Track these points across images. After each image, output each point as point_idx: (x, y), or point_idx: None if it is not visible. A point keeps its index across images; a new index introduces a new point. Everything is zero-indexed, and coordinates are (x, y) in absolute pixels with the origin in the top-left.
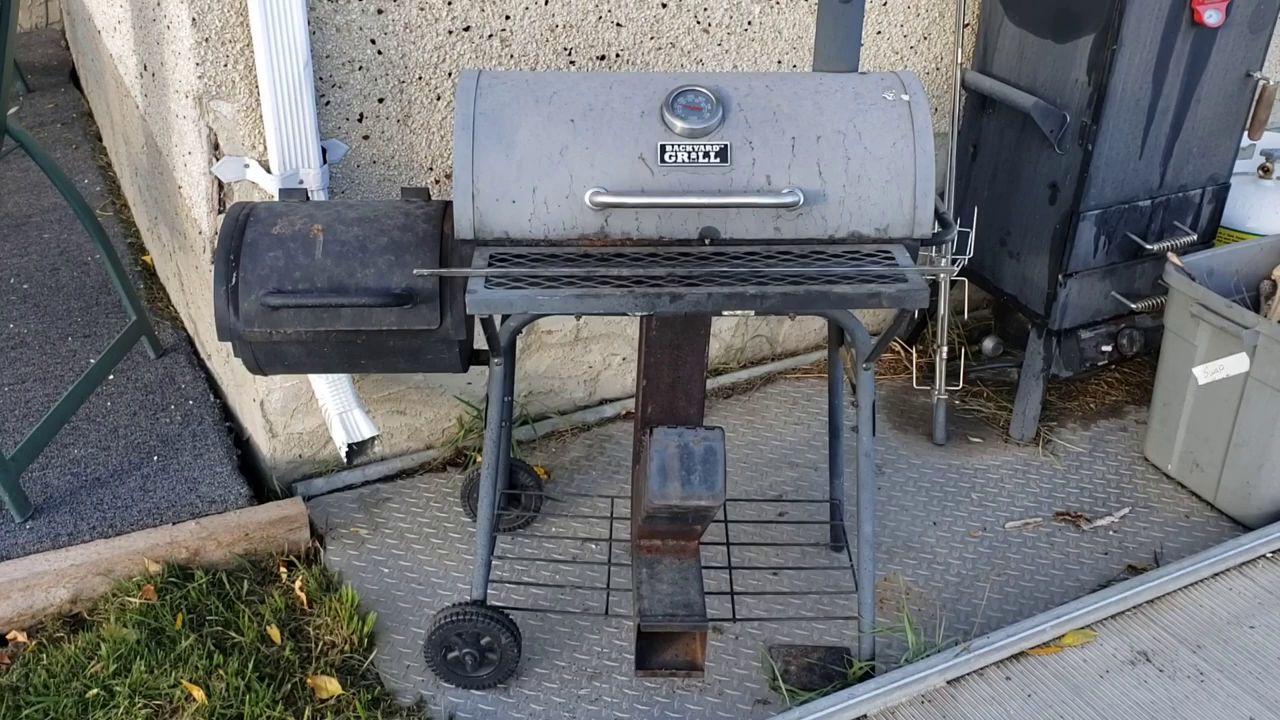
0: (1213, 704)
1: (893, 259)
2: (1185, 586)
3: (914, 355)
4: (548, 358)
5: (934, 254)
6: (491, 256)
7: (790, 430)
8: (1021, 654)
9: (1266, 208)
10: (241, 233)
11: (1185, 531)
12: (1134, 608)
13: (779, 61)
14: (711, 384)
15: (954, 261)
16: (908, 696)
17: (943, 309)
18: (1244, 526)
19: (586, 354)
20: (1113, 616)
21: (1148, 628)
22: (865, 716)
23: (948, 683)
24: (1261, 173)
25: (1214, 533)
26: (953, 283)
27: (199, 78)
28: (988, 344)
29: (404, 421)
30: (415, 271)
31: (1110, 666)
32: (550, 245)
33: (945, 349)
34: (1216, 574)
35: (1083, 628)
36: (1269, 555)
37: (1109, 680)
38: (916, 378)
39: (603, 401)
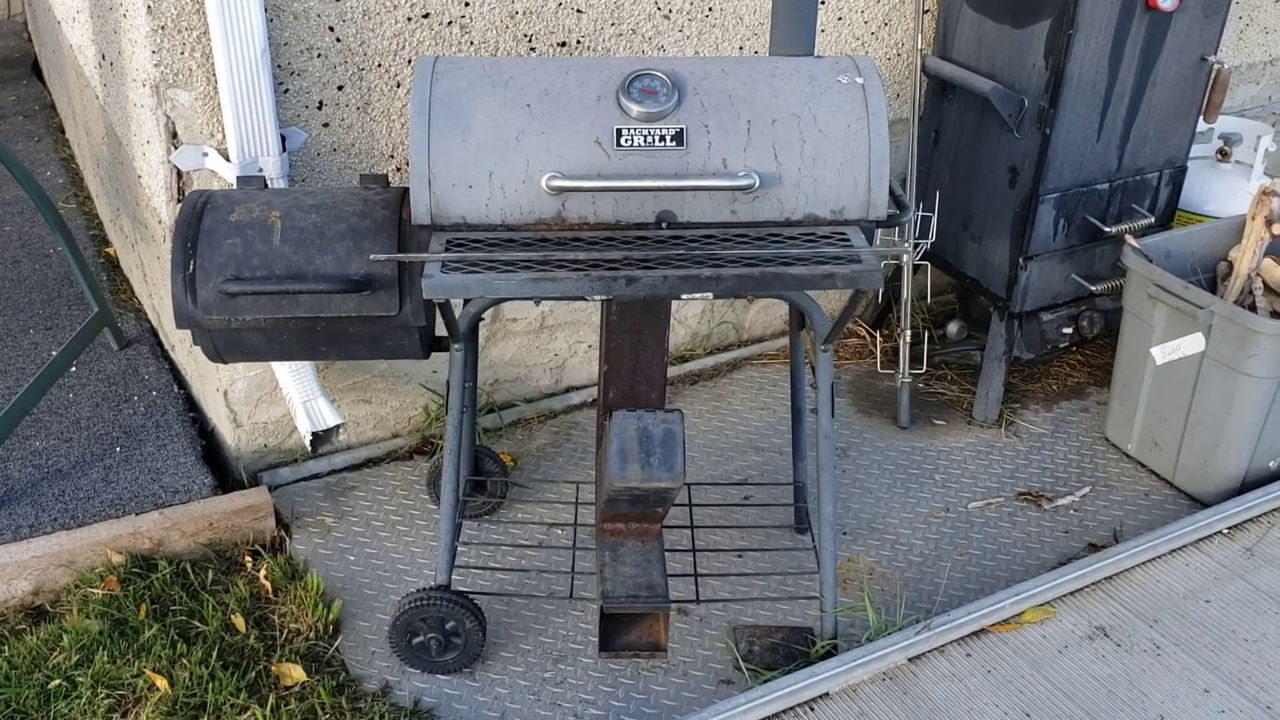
0: (1168, 677)
1: (848, 240)
2: (1143, 563)
3: (878, 339)
4: (513, 345)
5: (895, 237)
6: (448, 241)
7: (756, 415)
8: (982, 631)
9: (1224, 190)
10: (199, 220)
11: (1144, 509)
12: (1092, 584)
13: (740, 47)
14: (678, 370)
15: (916, 246)
16: (869, 674)
17: (906, 293)
18: (1201, 504)
19: (552, 341)
20: (1072, 593)
21: (1106, 604)
22: (828, 694)
23: (909, 660)
24: (1219, 156)
25: (1172, 510)
26: (916, 267)
27: (155, 66)
28: (951, 328)
29: (370, 410)
30: (372, 257)
31: (1069, 642)
32: (507, 230)
33: (909, 333)
34: (1174, 550)
35: (1042, 604)
36: (1225, 531)
37: (1067, 655)
38: (881, 361)
39: (569, 389)
